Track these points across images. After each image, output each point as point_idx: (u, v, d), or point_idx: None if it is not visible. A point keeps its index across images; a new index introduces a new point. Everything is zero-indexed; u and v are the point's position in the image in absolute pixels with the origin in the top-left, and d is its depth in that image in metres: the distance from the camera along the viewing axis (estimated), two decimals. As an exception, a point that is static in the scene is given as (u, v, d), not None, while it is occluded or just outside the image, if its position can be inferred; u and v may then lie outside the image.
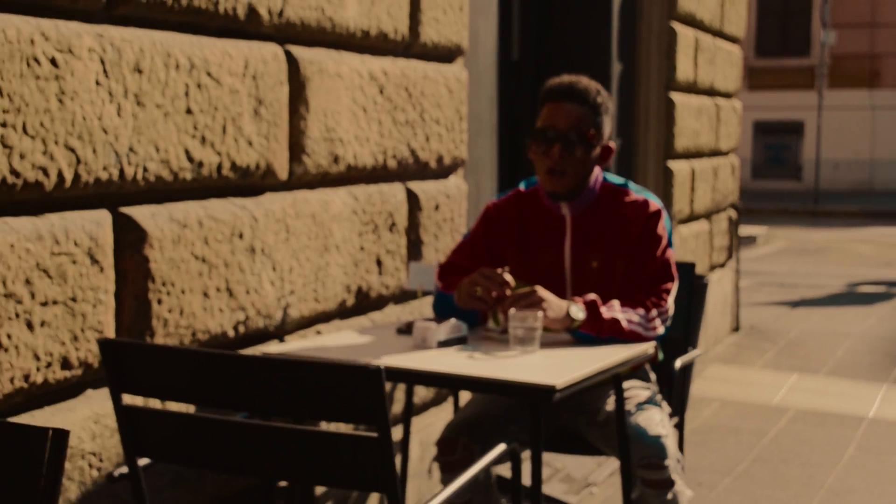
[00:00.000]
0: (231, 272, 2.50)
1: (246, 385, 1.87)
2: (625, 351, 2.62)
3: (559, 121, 2.81)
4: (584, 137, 2.81)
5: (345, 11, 2.88)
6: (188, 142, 2.37)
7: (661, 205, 2.95)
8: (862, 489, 4.12)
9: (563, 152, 2.81)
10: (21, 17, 1.98)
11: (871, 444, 4.73)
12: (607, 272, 2.88)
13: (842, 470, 4.36)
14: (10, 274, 1.96)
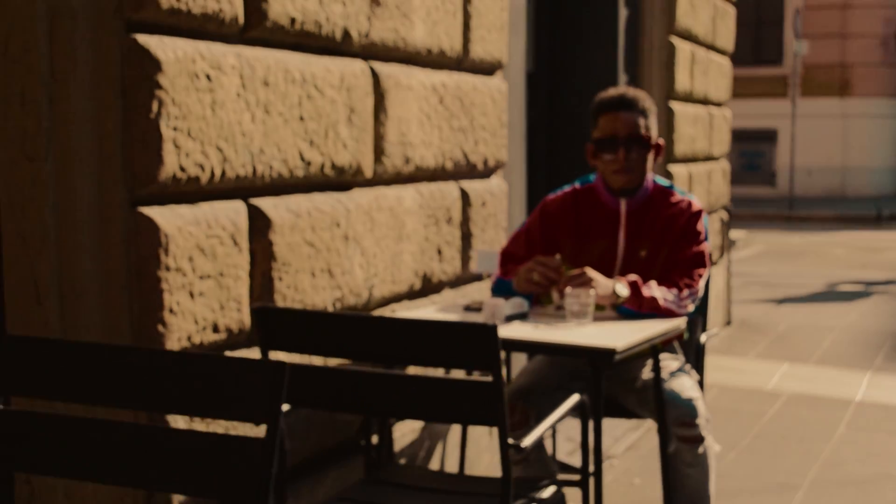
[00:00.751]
0: (331, 256, 2.95)
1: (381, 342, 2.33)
2: (663, 324, 3.09)
3: (619, 128, 3.30)
4: (640, 139, 3.31)
5: (414, 32, 3.34)
6: (301, 144, 2.82)
7: (702, 206, 3.44)
8: (853, 461, 4.61)
9: (627, 154, 3.30)
10: (185, 39, 2.42)
11: (860, 423, 5.22)
12: (653, 261, 3.35)
13: (835, 445, 4.85)
14: (178, 252, 2.40)
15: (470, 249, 3.76)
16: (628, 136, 3.31)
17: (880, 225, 17.18)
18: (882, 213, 17.76)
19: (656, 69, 6.01)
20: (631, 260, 3.37)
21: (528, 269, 3.18)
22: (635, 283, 3.16)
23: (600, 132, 3.35)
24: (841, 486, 4.33)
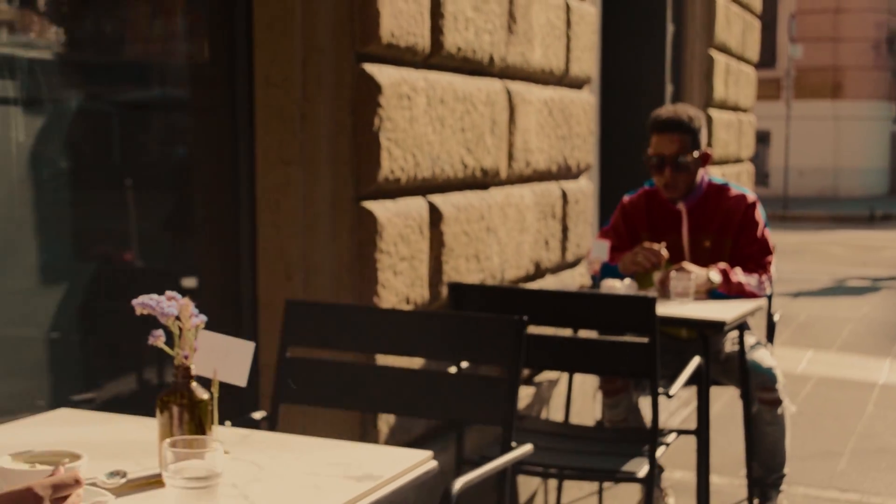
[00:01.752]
0: (478, 244, 3.58)
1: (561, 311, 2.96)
2: (750, 304, 3.74)
3: (666, 148, 3.88)
4: (686, 159, 3.89)
5: (534, 54, 3.97)
6: (461, 151, 3.45)
7: (756, 196, 4.07)
8: (885, 433, 5.29)
9: (672, 172, 3.90)
10: (394, 66, 3.05)
11: (887, 402, 5.90)
12: (717, 249, 3.99)
13: (867, 420, 5.52)
14: (388, 238, 3.03)
15: (566, 241, 4.40)
16: (674, 156, 3.89)
17: (873, 224, 17.96)
18: (875, 213, 18.53)
19: (697, 79, 6.67)
20: (696, 250, 4.00)
21: (634, 254, 3.81)
22: (725, 270, 3.80)
23: (652, 149, 3.93)
24: (878, 454, 4.99)
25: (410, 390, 2.47)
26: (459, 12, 3.35)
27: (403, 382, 2.50)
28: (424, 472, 1.80)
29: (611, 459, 3.14)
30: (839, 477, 4.65)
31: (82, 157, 2.61)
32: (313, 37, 2.87)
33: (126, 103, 2.80)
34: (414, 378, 2.53)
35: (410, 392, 2.48)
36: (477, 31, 3.50)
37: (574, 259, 4.51)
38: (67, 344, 2.61)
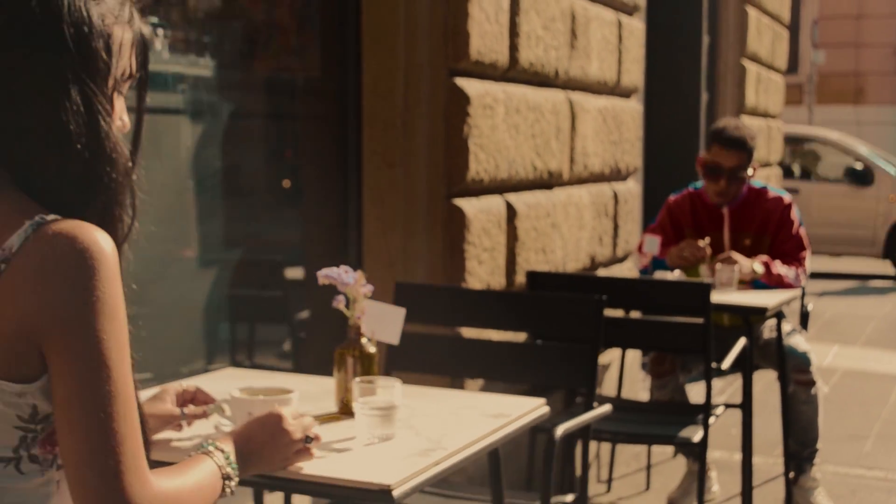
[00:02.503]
0: (545, 239, 4.04)
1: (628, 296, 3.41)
2: (787, 293, 4.18)
3: (726, 161, 4.32)
4: (741, 174, 4.34)
5: (590, 67, 4.43)
6: (532, 155, 3.91)
7: (792, 198, 4.52)
8: (911, 415, 5.73)
9: (727, 184, 4.35)
10: (479, 80, 3.51)
11: (909, 391, 6.35)
12: (756, 247, 4.43)
13: (891, 408, 5.96)
14: (475, 229, 3.49)
15: (617, 238, 4.86)
16: (732, 170, 4.35)
17: (895, 229, 18.32)
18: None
19: (730, 87, 7.12)
20: (737, 248, 4.44)
21: (681, 249, 4.26)
22: (767, 262, 4.25)
23: (711, 157, 4.38)
24: (902, 438, 5.44)
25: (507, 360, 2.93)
26: (532, 31, 3.81)
27: (499, 353, 2.96)
28: (540, 415, 2.26)
29: (666, 427, 3.60)
30: (865, 457, 5.09)
31: (231, 161, 3.08)
32: (413, 55, 3.34)
33: (256, 113, 3.27)
34: (508, 349, 2.99)
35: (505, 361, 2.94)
36: (545, 47, 3.96)
37: (623, 254, 4.96)
38: (220, 319, 3.08)
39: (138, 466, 1.34)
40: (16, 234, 1.33)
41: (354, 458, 1.87)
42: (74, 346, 1.32)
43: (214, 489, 1.53)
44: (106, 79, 1.44)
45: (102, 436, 1.32)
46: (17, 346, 1.33)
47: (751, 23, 7.29)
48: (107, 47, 1.43)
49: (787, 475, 4.36)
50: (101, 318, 1.33)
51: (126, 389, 1.34)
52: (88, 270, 1.32)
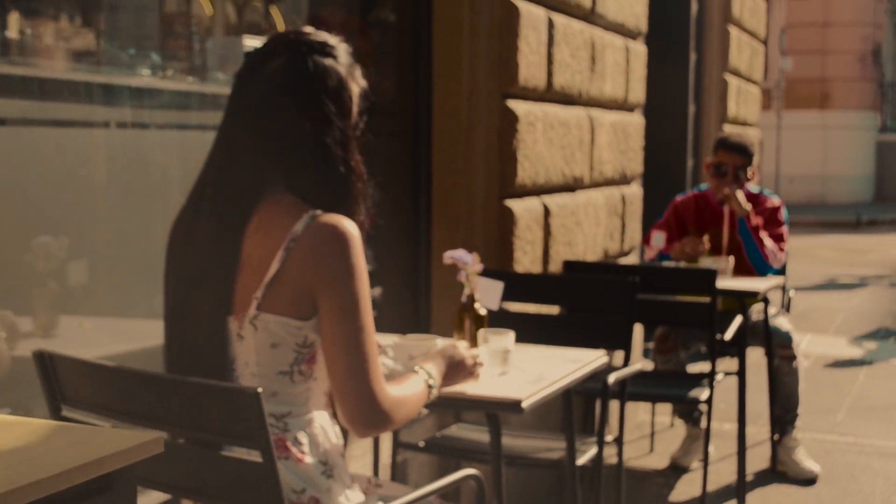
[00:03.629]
0: (570, 234, 4.84)
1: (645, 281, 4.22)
2: (773, 281, 5.00)
3: (730, 161, 5.18)
4: (743, 173, 5.19)
5: (605, 87, 5.24)
6: (561, 163, 4.71)
7: (782, 201, 5.36)
8: (875, 397, 6.58)
9: (732, 181, 5.18)
10: (525, 101, 4.31)
11: (876, 374, 7.21)
12: (749, 241, 5.27)
13: (859, 387, 6.82)
14: (521, 225, 4.27)
15: (624, 234, 5.67)
16: (736, 168, 5.19)
17: (860, 230, 19.33)
18: (861, 219, 19.91)
19: (714, 100, 7.96)
20: (733, 243, 5.27)
21: (683, 244, 5.08)
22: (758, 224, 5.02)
23: (717, 159, 5.23)
24: (869, 411, 6.28)
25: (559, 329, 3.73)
26: (563, 59, 4.62)
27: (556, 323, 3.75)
28: (604, 362, 3.05)
29: (677, 390, 4.41)
30: (838, 426, 5.94)
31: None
32: (474, 80, 4.13)
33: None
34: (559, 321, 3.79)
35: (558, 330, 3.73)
36: (572, 72, 4.76)
37: (629, 248, 5.78)
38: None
39: (380, 377, 2.13)
40: (299, 223, 2.12)
41: (487, 385, 2.66)
42: (340, 298, 2.10)
43: (423, 395, 2.32)
44: (349, 119, 2.23)
45: (359, 356, 2.10)
46: (299, 296, 2.11)
47: (732, 40, 8.14)
48: (349, 99, 2.23)
49: (773, 437, 5.19)
50: (356, 280, 2.11)
51: (370, 327, 2.13)
52: (347, 248, 2.11)
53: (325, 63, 2.20)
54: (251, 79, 2.22)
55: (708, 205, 5.27)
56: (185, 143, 3.42)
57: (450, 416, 3.83)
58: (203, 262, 2.17)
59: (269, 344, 2.13)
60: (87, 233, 3.12)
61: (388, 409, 2.12)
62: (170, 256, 2.26)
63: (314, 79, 2.19)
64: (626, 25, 5.50)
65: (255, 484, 1.92)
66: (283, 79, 2.19)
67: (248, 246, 2.14)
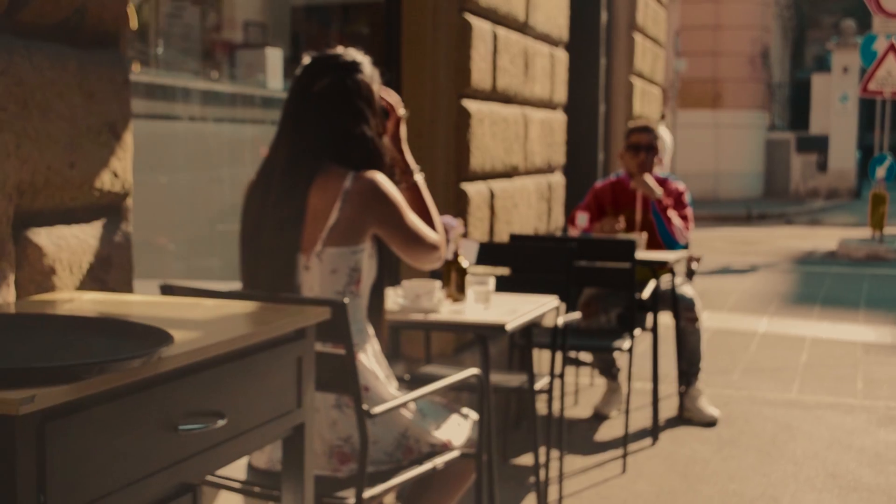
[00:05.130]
0: (509, 213, 5.78)
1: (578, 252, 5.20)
2: (679, 254, 6.02)
3: (642, 140, 6.20)
4: (653, 148, 6.21)
5: (535, 88, 6.20)
6: (502, 153, 5.65)
7: (686, 186, 6.38)
8: (765, 361, 7.68)
9: (645, 155, 6.20)
10: (475, 100, 5.23)
11: (766, 343, 8.32)
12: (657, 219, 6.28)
13: (751, 354, 7.91)
14: (473, 206, 5.19)
15: (550, 217, 6.64)
16: (647, 144, 6.21)
17: (750, 223, 20.74)
18: (752, 213, 21.32)
19: (621, 100, 9.00)
20: (645, 221, 6.28)
21: (602, 224, 6.07)
22: (668, 205, 6.04)
23: (630, 141, 6.24)
24: (760, 372, 7.36)
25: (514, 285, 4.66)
26: (504, 66, 5.56)
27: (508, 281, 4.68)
28: (557, 304, 3.99)
29: (602, 342, 5.39)
30: (734, 383, 6.99)
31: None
32: (436, 84, 5.04)
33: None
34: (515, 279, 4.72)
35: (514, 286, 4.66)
36: (510, 76, 5.71)
37: (553, 229, 6.75)
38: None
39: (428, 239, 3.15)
40: (347, 180, 3.02)
41: (476, 316, 3.57)
42: (392, 217, 3.05)
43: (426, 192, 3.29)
44: (375, 111, 3.14)
45: (418, 241, 3.11)
46: (352, 231, 3.02)
47: (637, 46, 9.19)
48: (375, 100, 3.15)
49: (680, 389, 6.20)
50: (401, 210, 3.04)
51: (414, 219, 3.12)
52: (388, 192, 3.03)
53: (358, 78, 3.13)
54: (304, 93, 3.13)
55: (624, 189, 6.26)
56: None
57: (421, 361, 4.73)
58: (278, 215, 3.06)
59: (329, 270, 3.02)
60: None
61: (441, 245, 3.19)
62: (246, 215, 3.14)
63: (352, 92, 3.12)
64: (551, 35, 6.47)
65: (341, 370, 2.81)
66: (330, 93, 3.11)
67: (312, 202, 3.03)
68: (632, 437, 5.71)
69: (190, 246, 4.52)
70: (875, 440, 5.64)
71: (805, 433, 5.78)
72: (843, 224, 19.75)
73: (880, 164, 15.40)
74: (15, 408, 1.36)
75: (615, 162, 9.12)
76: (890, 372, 7.36)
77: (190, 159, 4.16)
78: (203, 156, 4.28)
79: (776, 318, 9.50)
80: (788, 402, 6.50)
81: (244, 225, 3.16)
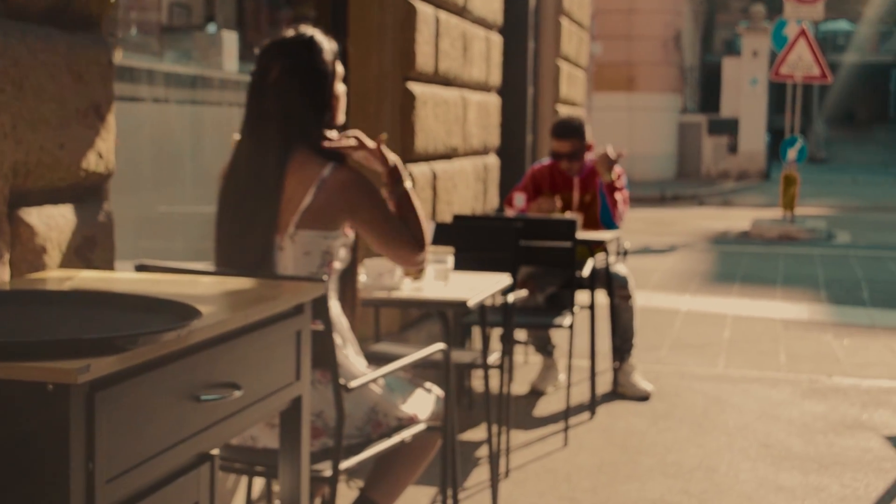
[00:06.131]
0: (449, 195, 5.87)
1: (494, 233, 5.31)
2: (612, 234, 6.17)
3: (563, 149, 6.31)
4: (578, 153, 6.32)
5: (473, 71, 6.30)
6: (443, 135, 5.74)
7: (622, 170, 6.53)
8: (689, 338, 7.90)
9: (569, 164, 6.31)
10: (419, 83, 5.32)
11: (689, 321, 8.54)
12: (593, 203, 6.41)
13: (676, 331, 8.12)
14: (419, 185, 5.28)
15: (486, 198, 6.75)
16: (569, 153, 6.33)
17: (664, 204, 21.12)
18: (665, 195, 21.71)
19: (548, 83, 9.14)
20: (581, 203, 6.42)
21: (539, 203, 6.19)
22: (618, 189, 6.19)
23: (553, 149, 6.36)
24: (686, 348, 7.58)
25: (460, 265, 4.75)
26: (445, 49, 5.65)
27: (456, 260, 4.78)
28: (510, 283, 4.10)
29: (544, 318, 5.52)
30: (662, 359, 7.20)
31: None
32: (382, 67, 5.12)
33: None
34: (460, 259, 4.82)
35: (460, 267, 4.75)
36: (451, 60, 5.80)
37: (489, 209, 6.87)
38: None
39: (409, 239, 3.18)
40: (326, 169, 3.09)
41: (437, 292, 3.66)
42: (370, 214, 3.10)
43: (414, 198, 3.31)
44: (334, 88, 3.21)
45: (396, 237, 3.14)
46: (325, 217, 3.09)
47: (563, 30, 9.34)
48: (335, 73, 3.22)
49: (613, 365, 6.37)
50: (378, 202, 3.11)
51: (392, 216, 3.16)
52: (367, 185, 3.10)
53: (317, 57, 3.18)
54: (265, 74, 3.19)
55: (561, 172, 6.39)
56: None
57: (370, 339, 4.81)
58: (254, 197, 3.11)
59: (302, 252, 3.09)
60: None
61: (423, 251, 3.22)
62: (223, 199, 3.19)
63: (311, 69, 3.18)
64: (487, 19, 6.57)
65: (319, 346, 2.88)
66: (291, 71, 3.16)
67: (287, 186, 3.09)
68: (570, 411, 5.86)
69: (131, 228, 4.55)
70: (802, 411, 5.87)
71: (735, 406, 5.98)
72: (753, 205, 20.20)
73: (791, 146, 15.77)
74: (73, 377, 1.42)
75: (543, 144, 9.27)
76: (810, 346, 7.62)
77: (133, 141, 4.18)
78: (149, 138, 4.30)
79: (698, 295, 9.75)
80: (716, 376, 6.71)
81: (221, 208, 3.20)
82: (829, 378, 6.67)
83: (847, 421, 5.69)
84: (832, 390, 6.35)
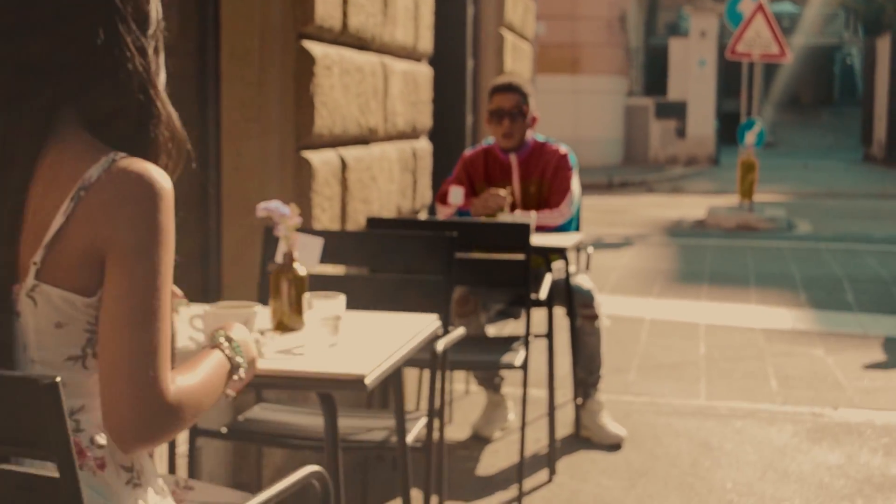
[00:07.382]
0: (366, 190, 4.47)
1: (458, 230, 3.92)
2: (574, 237, 4.81)
3: (505, 103, 4.95)
4: (520, 113, 4.97)
5: (396, 31, 4.89)
6: (357, 112, 4.33)
7: (569, 149, 5.15)
8: (659, 355, 6.57)
9: (510, 123, 4.95)
10: (321, 43, 3.90)
11: (657, 332, 7.22)
12: (539, 192, 5.03)
13: (643, 346, 6.80)
14: (320, 180, 3.88)
15: (416, 192, 5.35)
16: (511, 109, 4.97)
17: (612, 191, 19.85)
18: (613, 181, 20.44)
19: (491, 54, 7.75)
20: (525, 195, 5.04)
21: (485, 199, 4.80)
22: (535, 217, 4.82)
23: (492, 106, 5.00)
24: (657, 369, 6.25)
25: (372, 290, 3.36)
26: (356, 1, 4.24)
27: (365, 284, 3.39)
28: (437, 327, 2.72)
29: (487, 355, 4.14)
30: (631, 386, 5.86)
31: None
32: (267, 18, 3.70)
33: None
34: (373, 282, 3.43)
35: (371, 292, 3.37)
36: (366, 15, 4.38)
37: (420, 207, 5.47)
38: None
39: (168, 368, 1.66)
40: (94, 167, 1.66)
41: (319, 360, 2.27)
42: (134, 267, 1.63)
43: (222, 377, 1.81)
44: (147, 31, 1.78)
45: (146, 342, 1.61)
46: (87, 261, 1.66)
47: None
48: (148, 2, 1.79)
49: (576, 400, 5.01)
50: (159, 246, 1.66)
51: (165, 307, 1.65)
52: (153, 204, 1.67)
53: None
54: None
55: (496, 159, 5.03)
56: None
57: (251, 394, 3.41)
58: None
59: (52, 323, 1.67)
60: None
61: (176, 409, 1.63)
62: None
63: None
64: (415, -32, 5.17)
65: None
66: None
67: (33, 196, 1.67)
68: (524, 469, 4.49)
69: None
70: (814, 463, 4.56)
71: (729, 456, 4.65)
72: (704, 192, 19.03)
73: (749, 130, 14.55)
74: None
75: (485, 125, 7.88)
76: (802, 365, 6.34)
77: None
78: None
79: (663, 299, 8.43)
80: (698, 410, 5.39)
81: None
82: (835, 411, 5.38)
83: (874, 478, 4.38)
84: (843, 430, 5.05)
